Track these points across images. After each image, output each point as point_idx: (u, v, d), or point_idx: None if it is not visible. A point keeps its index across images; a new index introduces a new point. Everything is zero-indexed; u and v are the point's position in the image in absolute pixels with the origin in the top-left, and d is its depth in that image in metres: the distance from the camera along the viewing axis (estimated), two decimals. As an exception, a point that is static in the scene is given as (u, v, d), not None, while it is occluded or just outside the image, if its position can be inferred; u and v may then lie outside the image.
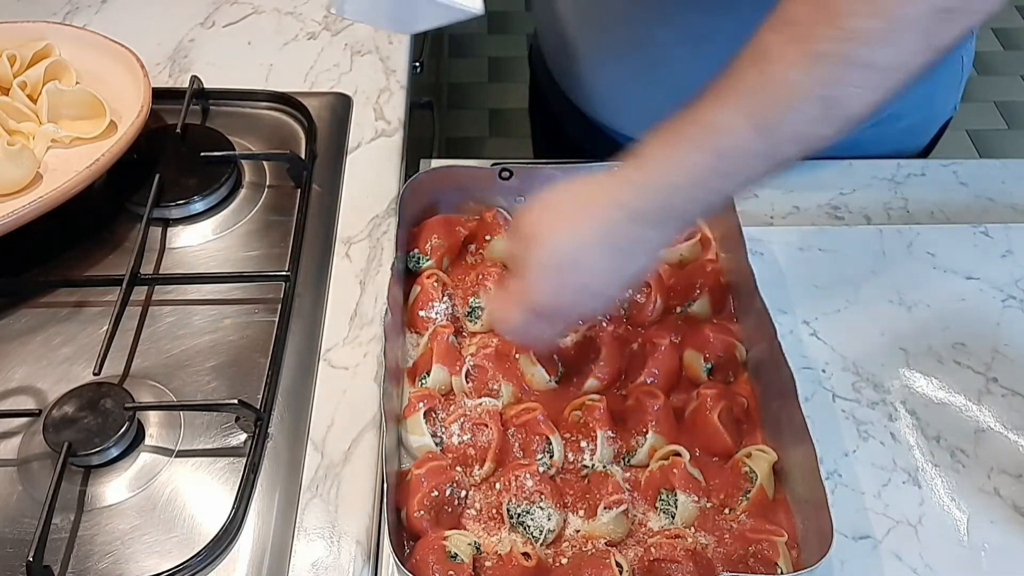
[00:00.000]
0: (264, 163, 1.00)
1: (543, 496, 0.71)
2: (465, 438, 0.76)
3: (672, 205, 0.65)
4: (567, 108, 1.14)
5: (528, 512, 0.71)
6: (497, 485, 0.74)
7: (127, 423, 0.74)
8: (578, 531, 0.73)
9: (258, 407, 0.76)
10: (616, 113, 1.08)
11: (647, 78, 0.99)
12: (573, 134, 1.18)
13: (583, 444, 0.76)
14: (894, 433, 0.81)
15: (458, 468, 0.75)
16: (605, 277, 0.69)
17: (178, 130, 0.98)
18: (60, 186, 0.84)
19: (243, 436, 0.77)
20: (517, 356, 0.81)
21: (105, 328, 0.80)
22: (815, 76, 0.58)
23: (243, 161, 0.99)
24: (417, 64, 1.16)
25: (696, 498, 0.73)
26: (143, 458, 0.75)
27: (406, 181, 0.89)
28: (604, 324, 0.83)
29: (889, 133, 1.03)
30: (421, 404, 0.76)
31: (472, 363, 0.80)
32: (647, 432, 0.76)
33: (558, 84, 1.15)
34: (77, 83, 0.98)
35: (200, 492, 0.74)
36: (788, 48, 0.59)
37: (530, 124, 1.37)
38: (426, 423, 0.76)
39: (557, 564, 0.71)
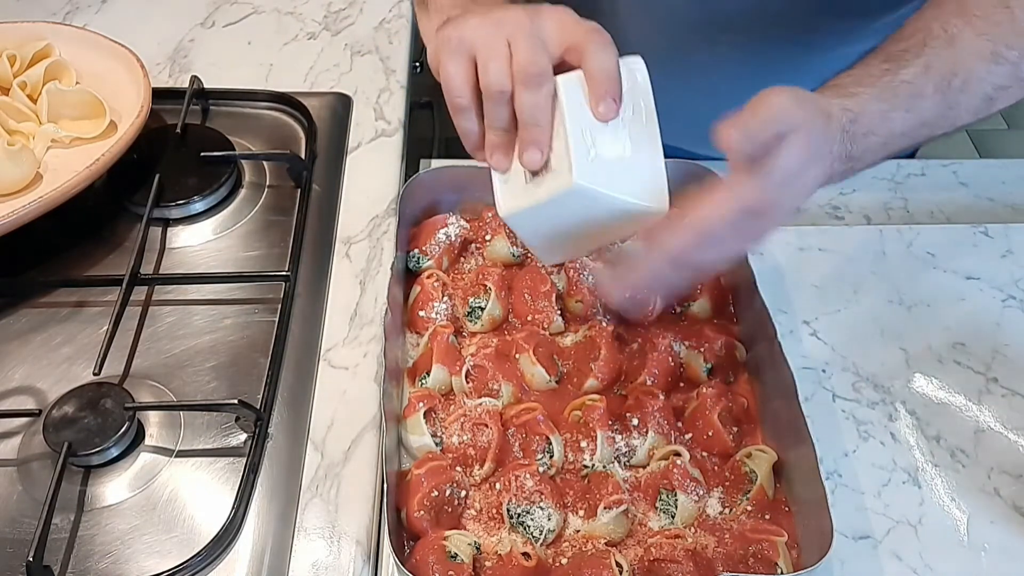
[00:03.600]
0: (264, 163, 1.00)
1: (543, 496, 0.71)
2: (465, 438, 0.76)
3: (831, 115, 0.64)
4: None
5: (528, 512, 0.71)
6: (497, 485, 0.74)
7: (127, 423, 0.74)
8: (578, 531, 0.73)
9: (258, 407, 0.76)
10: None
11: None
12: None
13: (583, 444, 0.76)
14: (894, 433, 0.81)
15: (458, 468, 0.75)
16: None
17: (178, 130, 0.98)
18: (60, 186, 0.84)
19: (243, 436, 0.77)
20: (517, 356, 0.81)
21: (105, 328, 0.80)
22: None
23: (243, 161, 0.99)
24: (417, 64, 1.16)
25: (696, 498, 0.73)
26: (143, 458, 0.75)
27: (406, 181, 0.89)
28: (604, 324, 0.83)
29: None
30: (421, 404, 0.76)
31: (472, 363, 0.80)
32: (647, 432, 0.76)
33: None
34: (77, 83, 0.98)
35: (200, 492, 0.74)
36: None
37: None
38: (426, 423, 0.76)
39: (557, 564, 0.71)
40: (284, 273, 0.86)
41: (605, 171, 0.64)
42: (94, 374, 0.77)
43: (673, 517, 0.72)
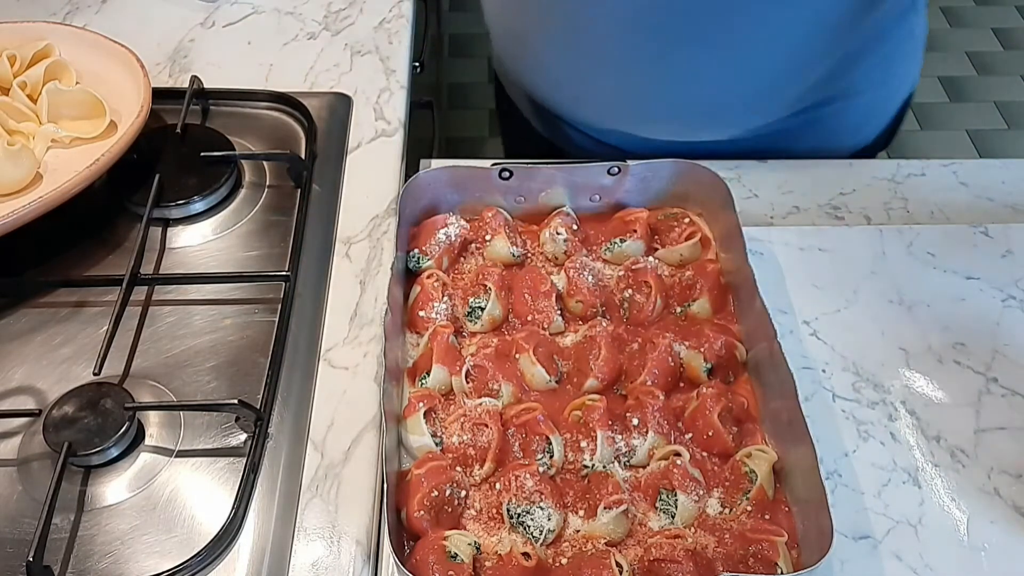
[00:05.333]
0: (264, 163, 1.00)
1: (543, 496, 0.71)
2: (465, 438, 0.76)
3: None
4: (527, 103, 1.14)
5: (528, 512, 0.71)
6: (497, 485, 0.74)
7: (127, 423, 0.74)
8: (578, 531, 0.73)
9: (258, 407, 0.76)
10: (571, 102, 1.07)
11: (588, 62, 0.99)
12: (538, 127, 1.18)
13: (583, 444, 0.76)
14: (894, 433, 0.80)
15: (458, 468, 0.75)
16: None
17: (178, 130, 0.98)
18: (60, 186, 0.84)
19: (243, 436, 0.77)
20: (517, 356, 0.81)
21: (105, 328, 0.80)
22: None
23: (243, 161, 0.99)
24: (417, 64, 1.16)
25: (696, 498, 0.73)
26: (143, 458, 0.75)
27: (406, 181, 0.89)
28: (604, 324, 0.83)
29: (851, 109, 1.03)
30: (421, 404, 0.76)
31: (472, 363, 0.80)
32: (647, 432, 0.76)
33: (510, 77, 1.15)
34: (77, 83, 0.98)
35: (200, 492, 0.74)
36: None
37: (499, 122, 1.37)
38: (426, 423, 0.76)
39: (557, 564, 0.71)
40: (284, 273, 0.86)
41: None
42: (94, 374, 0.77)
43: (673, 517, 0.72)
